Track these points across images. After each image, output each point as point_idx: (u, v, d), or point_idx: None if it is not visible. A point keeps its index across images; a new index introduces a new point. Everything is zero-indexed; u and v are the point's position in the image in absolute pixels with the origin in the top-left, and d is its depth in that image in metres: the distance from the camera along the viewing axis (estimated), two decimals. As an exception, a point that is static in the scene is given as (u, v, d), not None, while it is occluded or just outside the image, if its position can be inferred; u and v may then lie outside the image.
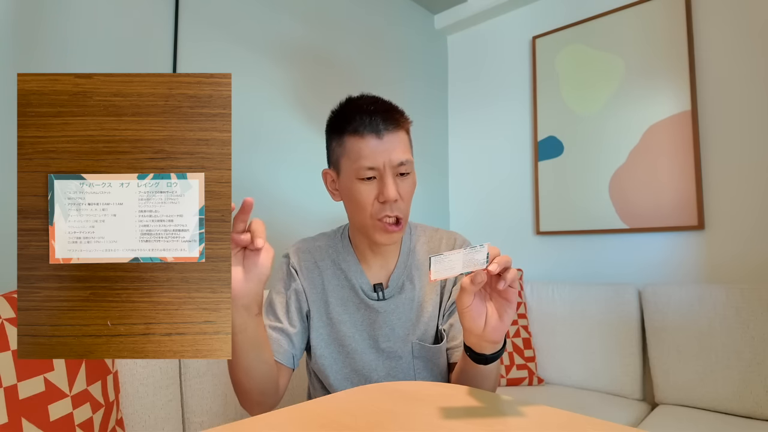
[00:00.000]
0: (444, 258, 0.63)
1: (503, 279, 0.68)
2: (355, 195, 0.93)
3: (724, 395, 1.61)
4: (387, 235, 0.95)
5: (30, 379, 0.87)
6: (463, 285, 0.69)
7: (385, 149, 0.91)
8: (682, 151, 1.94)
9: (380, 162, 0.91)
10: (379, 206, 0.93)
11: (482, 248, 0.64)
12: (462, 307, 0.71)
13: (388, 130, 0.92)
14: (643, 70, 2.07)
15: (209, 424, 1.28)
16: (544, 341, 2.06)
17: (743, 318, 1.61)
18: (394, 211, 0.93)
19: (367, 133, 0.91)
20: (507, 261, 0.67)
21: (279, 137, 1.89)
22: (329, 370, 1.02)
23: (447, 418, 0.60)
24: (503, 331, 0.73)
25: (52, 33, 1.30)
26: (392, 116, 0.93)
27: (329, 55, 2.13)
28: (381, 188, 0.92)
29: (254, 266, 0.69)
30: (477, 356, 0.78)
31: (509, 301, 0.71)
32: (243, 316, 0.73)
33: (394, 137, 0.92)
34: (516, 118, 2.51)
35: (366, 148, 0.91)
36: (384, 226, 0.93)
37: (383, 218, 0.93)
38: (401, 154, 0.92)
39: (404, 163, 0.92)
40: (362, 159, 0.91)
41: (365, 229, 0.96)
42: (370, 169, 0.91)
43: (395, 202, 0.92)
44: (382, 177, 0.92)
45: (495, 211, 2.57)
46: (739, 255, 1.81)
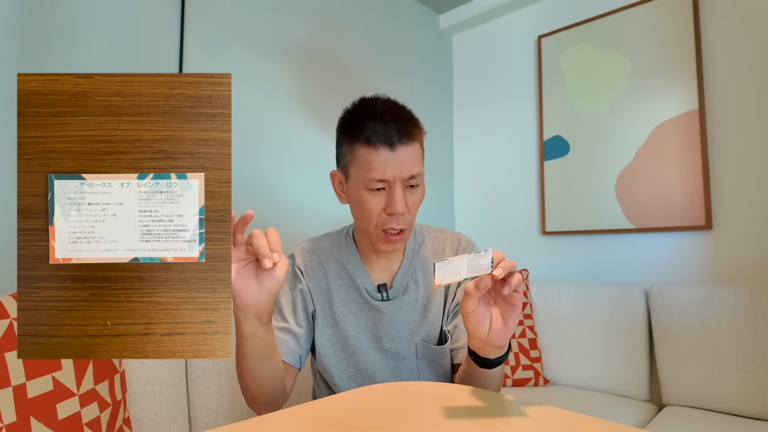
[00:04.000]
0: (448, 263, 0.62)
1: (508, 284, 0.67)
2: (363, 204, 0.92)
3: (732, 396, 1.59)
4: (390, 245, 0.94)
5: (38, 378, 0.87)
6: (467, 290, 0.69)
7: (397, 162, 0.89)
8: (689, 150, 1.92)
9: (390, 175, 0.89)
10: (386, 217, 0.91)
11: (487, 253, 0.64)
12: (466, 311, 0.70)
13: (402, 142, 0.89)
14: (650, 70, 2.05)
15: (215, 423, 1.28)
16: (550, 342, 2.05)
17: (752, 318, 1.59)
18: (400, 224, 0.91)
19: (379, 145, 0.88)
20: (512, 266, 0.66)
21: (284, 137, 1.90)
22: (334, 370, 1.02)
23: (451, 418, 0.59)
24: (508, 336, 0.73)
25: (57, 34, 1.31)
26: (407, 128, 0.91)
27: (334, 55, 2.13)
28: (389, 200, 0.90)
29: (268, 278, 0.68)
30: (481, 360, 0.78)
31: (514, 305, 0.70)
32: (254, 325, 0.73)
33: (408, 150, 0.90)
34: (522, 118, 2.50)
35: (377, 160, 0.88)
36: (387, 237, 0.93)
37: (388, 230, 0.92)
38: (413, 167, 0.90)
39: (415, 176, 0.91)
40: (372, 171, 0.89)
41: (369, 236, 0.96)
42: (380, 181, 0.90)
43: (402, 215, 0.91)
44: (391, 189, 0.90)
45: (500, 211, 2.56)
46: (747, 255, 1.79)
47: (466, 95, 2.77)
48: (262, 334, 0.75)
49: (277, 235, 0.68)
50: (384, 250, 0.96)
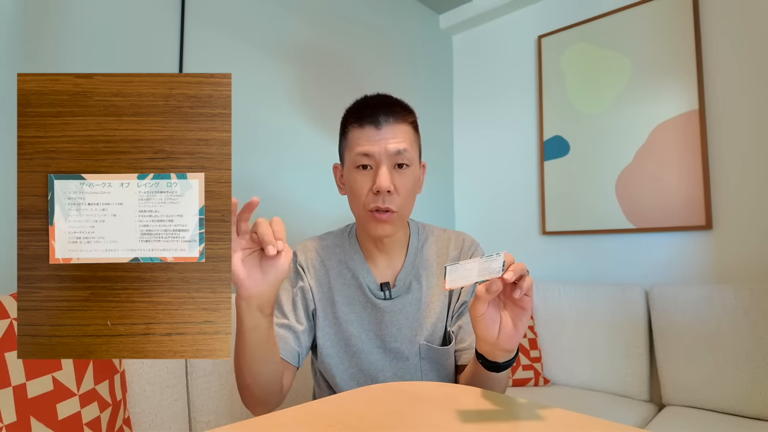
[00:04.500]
0: (459, 267, 0.61)
1: (519, 287, 0.66)
2: (351, 184, 0.94)
3: (733, 396, 1.59)
4: (378, 224, 0.93)
5: (38, 378, 0.88)
6: (477, 293, 0.68)
7: (382, 138, 0.91)
8: (689, 150, 1.92)
9: (375, 150, 0.90)
10: (372, 197, 0.92)
11: (498, 257, 0.63)
12: (476, 315, 0.70)
13: (387, 121, 0.92)
14: (650, 69, 2.05)
15: (215, 423, 1.28)
16: (550, 342, 2.05)
17: (752, 319, 1.59)
18: (386, 203, 0.91)
19: (366, 123, 0.92)
20: (522, 269, 0.66)
21: (284, 137, 1.90)
22: (335, 370, 1.01)
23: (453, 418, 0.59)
24: (517, 340, 0.72)
25: (57, 34, 1.31)
26: (393, 109, 0.94)
27: (334, 55, 2.13)
28: (374, 177, 0.91)
29: (272, 267, 0.68)
30: (489, 364, 0.77)
31: (524, 309, 0.69)
32: (256, 317, 0.72)
33: (393, 128, 0.92)
34: (522, 118, 2.50)
35: (363, 137, 0.91)
36: (373, 216, 0.92)
37: (374, 209, 0.92)
38: (399, 143, 0.91)
39: (401, 152, 0.91)
40: (358, 146, 0.91)
41: (360, 221, 0.96)
42: (365, 156, 0.91)
43: (389, 193, 0.91)
44: (377, 166, 0.91)
45: (501, 211, 2.56)
46: (747, 255, 1.79)
47: (466, 95, 2.77)
48: (264, 327, 0.75)
49: (281, 224, 0.68)
50: (374, 234, 0.95)
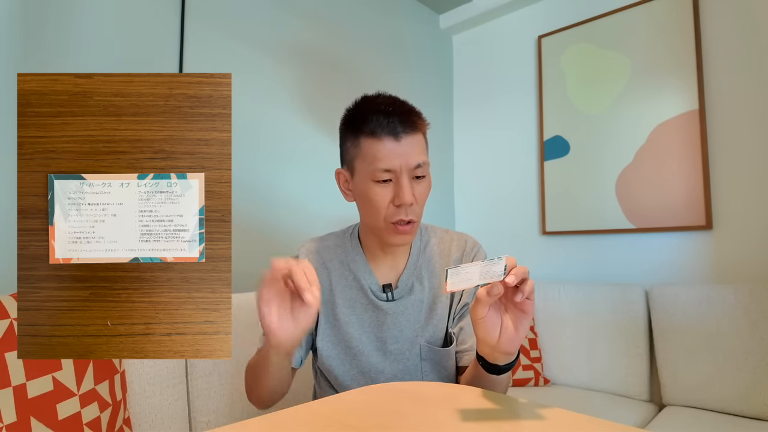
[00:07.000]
0: (461, 270, 0.62)
1: (520, 291, 0.67)
2: (371, 197, 0.92)
3: (733, 396, 1.59)
4: (399, 236, 0.93)
5: (38, 378, 0.88)
6: (478, 296, 0.68)
7: (403, 152, 0.89)
8: (689, 150, 1.92)
9: (397, 164, 0.89)
10: (394, 209, 0.91)
11: (500, 260, 0.63)
12: (477, 318, 0.70)
13: (406, 132, 0.90)
14: (650, 69, 2.05)
15: (215, 423, 1.28)
16: (551, 342, 2.05)
17: (752, 319, 1.59)
18: (409, 215, 0.91)
19: (384, 135, 0.89)
20: (524, 272, 0.66)
21: (284, 137, 1.90)
22: (336, 371, 1.01)
23: (452, 418, 0.59)
24: (518, 343, 0.72)
25: (57, 34, 1.31)
26: (410, 118, 0.92)
27: (335, 55, 2.13)
28: (397, 191, 0.90)
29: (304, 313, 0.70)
30: (490, 366, 0.78)
31: (526, 312, 0.70)
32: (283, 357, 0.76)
33: (412, 140, 0.91)
34: (522, 118, 2.50)
35: (382, 150, 0.89)
36: (396, 229, 0.92)
37: (397, 222, 0.92)
38: (418, 156, 0.91)
39: (421, 165, 0.91)
40: (378, 161, 0.89)
41: (378, 231, 0.95)
42: (387, 171, 0.90)
43: (410, 205, 0.91)
44: (398, 180, 0.90)
45: (501, 211, 2.56)
46: (747, 255, 1.79)
47: (466, 95, 2.77)
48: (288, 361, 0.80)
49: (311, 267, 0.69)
50: (394, 244, 0.96)
